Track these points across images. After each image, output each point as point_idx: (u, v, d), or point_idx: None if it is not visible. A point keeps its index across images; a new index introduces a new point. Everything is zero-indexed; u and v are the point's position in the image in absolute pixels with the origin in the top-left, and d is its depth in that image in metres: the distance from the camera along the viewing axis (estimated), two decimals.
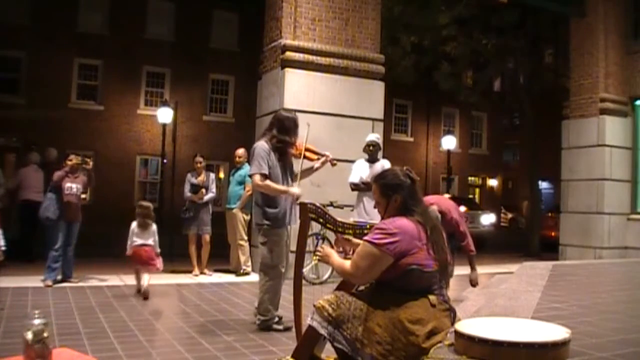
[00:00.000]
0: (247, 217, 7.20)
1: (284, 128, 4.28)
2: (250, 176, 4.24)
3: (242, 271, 7.09)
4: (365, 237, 2.43)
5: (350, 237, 2.78)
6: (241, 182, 7.25)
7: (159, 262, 5.77)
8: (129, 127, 19.63)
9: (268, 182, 4.11)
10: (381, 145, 6.11)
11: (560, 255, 10.42)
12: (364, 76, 7.43)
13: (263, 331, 4.12)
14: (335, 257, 2.63)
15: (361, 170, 6.00)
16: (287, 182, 4.29)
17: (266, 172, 4.10)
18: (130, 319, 4.47)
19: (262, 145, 4.19)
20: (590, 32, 10.18)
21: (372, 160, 6.02)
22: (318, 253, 2.73)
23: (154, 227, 5.88)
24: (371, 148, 6.00)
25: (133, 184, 19.98)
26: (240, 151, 7.30)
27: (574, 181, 10.36)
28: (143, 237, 5.73)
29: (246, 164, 7.01)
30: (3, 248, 4.88)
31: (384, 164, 5.96)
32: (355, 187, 6.04)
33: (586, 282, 5.81)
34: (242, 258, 7.15)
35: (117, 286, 6.07)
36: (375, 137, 6.11)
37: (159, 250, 5.85)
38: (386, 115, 8.09)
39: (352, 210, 6.24)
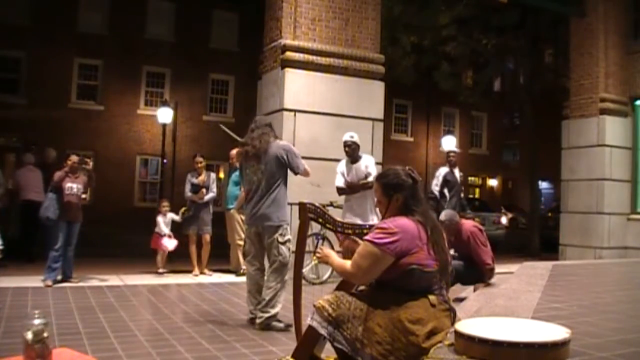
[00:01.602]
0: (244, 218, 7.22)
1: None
2: (299, 172, 4.48)
3: (241, 271, 7.08)
4: (366, 237, 2.44)
5: (356, 238, 2.77)
6: (237, 183, 7.22)
7: (162, 244, 7.19)
8: (129, 127, 19.65)
9: None
10: (358, 142, 5.92)
11: (560, 255, 10.42)
12: (364, 76, 7.42)
13: (263, 331, 4.12)
14: (335, 257, 2.64)
15: (344, 172, 5.94)
16: None
17: None
18: (130, 319, 4.47)
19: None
20: (590, 32, 10.18)
21: (353, 160, 5.92)
22: (318, 254, 2.74)
23: (157, 219, 7.31)
24: (347, 148, 5.89)
25: (133, 184, 19.99)
26: (235, 152, 7.26)
27: (574, 181, 10.36)
28: None
29: None
30: (0, 247, 4.88)
31: (367, 162, 5.89)
32: (341, 191, 5.96)
33: (586, 282, 5.81)
34: (241, 258, 7.14)
35: (117, 286, 6.07)
36: (349, 135, 5.91)
37: (167, 233, 7.23)
38: (386, 115, 8.08)
39: (334, 207, 6.13)
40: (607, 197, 9.88)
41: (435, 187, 8.02)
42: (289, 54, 6.98)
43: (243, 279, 6.78)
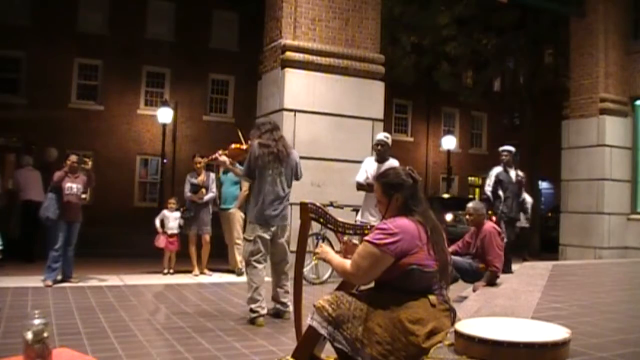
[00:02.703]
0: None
1: None
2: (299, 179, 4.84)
3: (241, 271, 7.08)
4: (366, 237, 2.44)
5: (357, 243, 2.76)
6: (236, 183, 7.22)
7: (161, 242, 7.17)
8: (129, 127, 19.65)
9: None
10: (390, 144, 6.03)
11: (560, 255, 10.42)
12: (364, 76, 7.42)
13: (263, 331, 4.12)
14: (335, 255, 2.64)
15: (369, 170, 5.96)
16: None
17: None
18: (130, 319, 4.47)
19: None
20: (590, 32, 10.18)
21: (381, 159, 5.95)
22: (317, 251, 2.74)
23: (162, 212, 7.37)
24: (379, 147, 5.94)
25: (133, 184, 20.00)
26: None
27: (574, 181, 10.36)
28: None
29: (237, 164, 6.88)
30: (0, 247, 4.89)
31: (392, 164, 5.90)
32: (360, 186, 5.99)
33: (586, 282, 5.81)
34: (239, 258, 7.14)
35: (117, 286, 6.07)
36: (384, 136, 6.03)
37: (166, 232, 7.19)
38: (386, 115, 8.08)
39: (352, 211, 6.23)
40: (607, 197, 9.88)
41: (487, 187, 7.71)
42: (289, 54, 6.98)
43: (242, 278, 6.80)
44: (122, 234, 13.71)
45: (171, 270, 7.17)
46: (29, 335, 1.94)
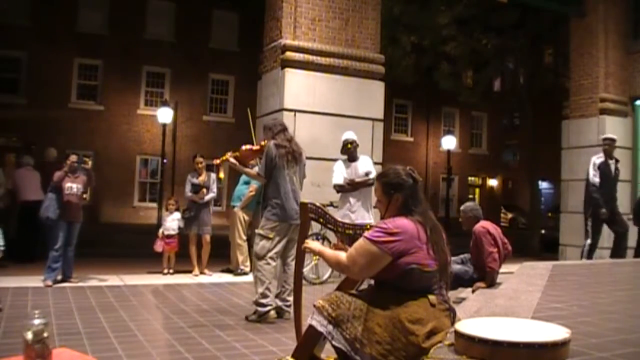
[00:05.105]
0: (248, 218, 7.20)
1: None
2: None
3: (239, 271, 7.08)
4: (365, 234, 2.44)
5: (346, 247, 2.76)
6: (247, 182, 7.21)
7: (159, 247, 7.11)
8: (129, 127, 19.67)
9: None
10: (358, 142, 6.12)
11: (560, 255, 10.42)
12: (364, 76, 7.43)
13: (263, 331, 4.12)
14: (326, 249, 2.66)
15: (343, 171, 6.03)
16: None
17: None
18: (130, 319, 4.47)
19: None
20: (590, 32, 10.18)
21: (351, 159, 6.05)
22: (305, 245, 2.74)
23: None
24: (349, 146, 6.02)
25: (133, 184, 20.00)
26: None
27: (574, 181, 10.34)
28: None
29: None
30: (2, 248, 4.89)
31: (365, 161, 6.02)
32: (340, 188, 6.02)
33: (586, 282, 5.80)
34: (240, 258, 7.13)
35: (117, 286, 6.07)
36: (352, 134, 6.11)
37: (164, 233, 7.15)
38: (386, 115, 8.09)
39: (334, 207, 6.17)
40: None
41: (594, 177, 7.10)
42: (289, 54, 6.99)
43: (242, 278, 6.81)
44: (122, 234, 13.71)
45: (171, 270, 7.17)
46: (29, 335, 1.93)
